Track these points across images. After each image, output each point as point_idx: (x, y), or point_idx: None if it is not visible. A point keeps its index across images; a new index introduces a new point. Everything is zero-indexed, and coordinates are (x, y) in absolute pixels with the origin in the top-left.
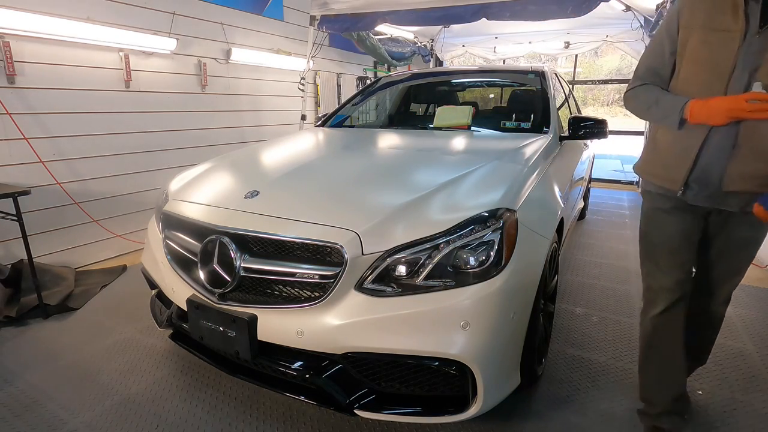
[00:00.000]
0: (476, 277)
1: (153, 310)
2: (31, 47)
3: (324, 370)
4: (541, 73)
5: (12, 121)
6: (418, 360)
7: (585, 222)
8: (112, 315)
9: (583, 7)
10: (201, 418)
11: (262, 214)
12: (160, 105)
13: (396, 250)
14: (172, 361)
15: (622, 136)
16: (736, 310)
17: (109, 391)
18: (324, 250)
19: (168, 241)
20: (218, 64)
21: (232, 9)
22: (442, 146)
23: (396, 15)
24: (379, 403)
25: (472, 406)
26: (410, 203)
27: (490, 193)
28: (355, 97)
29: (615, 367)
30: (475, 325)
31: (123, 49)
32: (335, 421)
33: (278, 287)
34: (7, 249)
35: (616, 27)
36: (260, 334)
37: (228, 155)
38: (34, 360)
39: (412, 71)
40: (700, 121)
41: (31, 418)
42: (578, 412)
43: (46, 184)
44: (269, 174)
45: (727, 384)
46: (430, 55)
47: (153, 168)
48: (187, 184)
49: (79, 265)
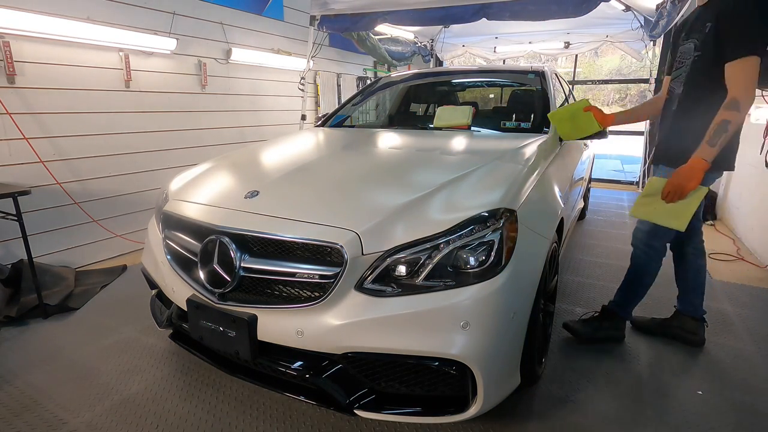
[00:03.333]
0: (476, 277)
1: (153, 310)
2: (31, 47)
3: (324, 370)
4: (541, 73)
5: (12, 121)
6: (418, 360)
7: (585, 222)
8: (112, 315)
9: (583, 7)
10: (201, 418)
11: (262, 214)
12: (160, 105)
13: (396, 250)
14: (172, 361)
15: (622, 136)
16: (736, 310)
17: (109, 391)
18: (324, 250)
19: (168, 241)
20: (218, 64)
21: (232, 9)
22: (442, 146)
23: (396, 15)
24: (379, 403)
25: (472, 406)
26: (410, 203)
27: (490, 193)
28: (355, 97)
29: (615, 367)
30: (475, 325)
31: (123, 49)
32: (335, 421)
33: (278, 287)
34: (7, 249)
35: (616, 27)
36: (260, 334)
37: (228, 155)
38: (34, 360)
39: (412, 71)
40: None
41: (30, 418)
42: (578, 412)
43: (46, 184)
44: (269, 174)
45: (727, 384)
46: (430, 55)
47: (153, 168)
48: (187, 184)
49: (79, 265)
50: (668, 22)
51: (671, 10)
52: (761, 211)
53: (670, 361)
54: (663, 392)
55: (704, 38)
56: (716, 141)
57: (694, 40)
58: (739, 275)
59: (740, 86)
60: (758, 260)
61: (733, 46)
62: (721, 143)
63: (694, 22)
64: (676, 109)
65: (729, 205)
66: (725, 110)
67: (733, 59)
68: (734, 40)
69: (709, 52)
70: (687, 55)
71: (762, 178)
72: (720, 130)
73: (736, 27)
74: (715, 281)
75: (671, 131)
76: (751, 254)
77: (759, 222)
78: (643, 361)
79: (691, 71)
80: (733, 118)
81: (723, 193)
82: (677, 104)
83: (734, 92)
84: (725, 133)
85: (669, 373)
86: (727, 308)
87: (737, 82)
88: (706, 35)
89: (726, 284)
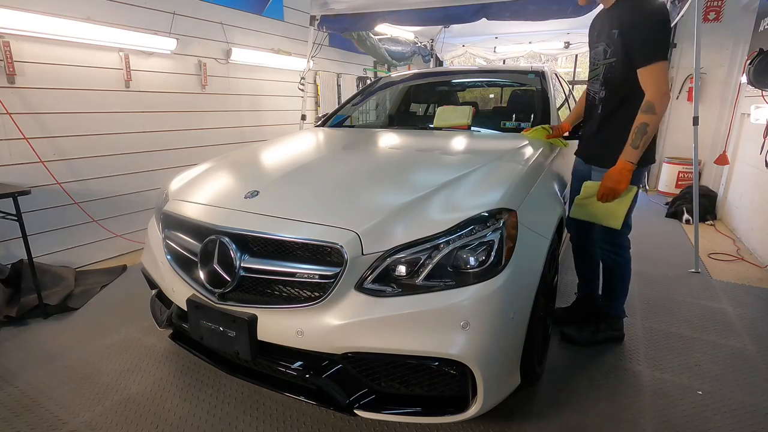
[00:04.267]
0: (476, 277)
1: (153, 310)
2: (31, 47)
3: (324, 370)
4: (541, 73)
5: (12, 121)
6: (418, 360)
7: None
8: (112, 315)
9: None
10: (201, 418)
11: (262, 214)
12: (160, 105)
13: (396, 250)
14: (172, 361)
15: None
16: (736, 310)
17: (109, 391)
18: (324, 250)
19: (168, 241)
20: (218, 64)
21: (232, 9)
22: (442, 146)
23: (396, 15)
24: (379, 403)
25: (472, 406)
26: (410, 203)
27: (490, 193)
28: (355, 97)
29: (615, 367)
30: (475, 325)
31: (123, 49)
32: (335, 421)
33: (278, 287)
34: (7, 249)
35: None
36: (260, 334)
37: (228, 155)
38: (34, 360)
39: (412, 71)
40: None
41: (30, 418)
42: (578, 412)
43: (46, 184)
44: (269, 174)
45: (727, 384)
46: (430, 55)
47: (153, 168)
48: (187, 184)
49: (79, 265)
50: None
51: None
52: (761, 211)
53: (670, 361)
54: (663, 392)
55: (613, 43)
56: (638, 143)
57: (603, 44)
58: (739, 275)
59: (654, 90)
60: (758, 260)
61: (644, 54)
62: (642, 144)
63: (602, 25)
64: (601, 113)
65: (729, 205)
66: (642, 114)
67: (644, 65)
68: (643, 48)
69: (621, 58)
70: (600, 58)
71: (762, 178)
72: (640, 132)
73: (642, 35)
74: (715, 281)
75: (598, 133)
76: (751, 254)
77: (759, 222)
78: (643, 361)
79: (609, 75)
80: (650, 121)
81: (723, 193)
82: (601, 108)
83: (649, 96)
84: (645, 135)
85: (669, 372)
86: (727, 308)
87: (650, 86)
88: (615, 41)
89: (726, 284)
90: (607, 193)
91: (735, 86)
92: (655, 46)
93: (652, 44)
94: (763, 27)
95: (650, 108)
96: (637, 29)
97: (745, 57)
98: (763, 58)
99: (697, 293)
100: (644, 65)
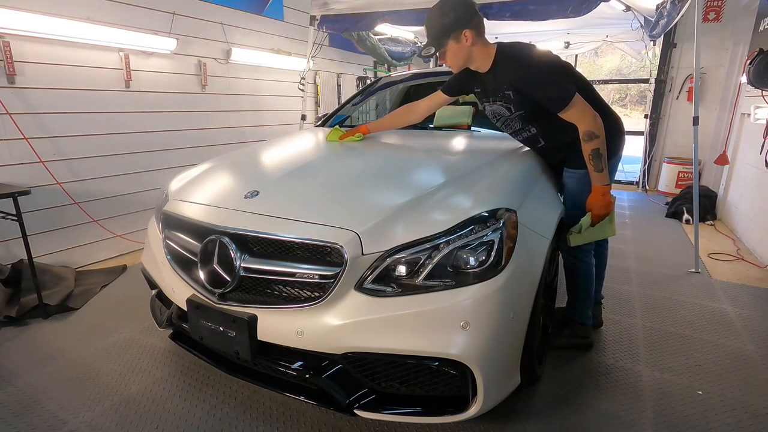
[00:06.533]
0: (476, 277)
1: (153, 310)
2: (31, 47)
3: (324, 370)
4: None
5: (12, 121)
6: (418, 360)
7: None
8: (112, 315)
9: (583, 7)
10: (201, 418)
11: (262, 214)
12: (160, 105)
13: (396, 250)
14: (172, 361)
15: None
16: (736, 310)
17: (109, 391)
18: (324, 250)
19: (168, 241)
20: (218, 64)
21: (232, 9)
22: (442, 146)
23: (396, 15)
24: (379, 403)
25: (472, 406)
26: (410, 203)
27: (490, 193)
28: (355, 97)
29: (615, 367)
30: (475, 325)
31: (123, 49)
32: (335, 421)
33: (278, 287)
34: (7, 249)
35: (616, 27)
36: (260, 334)
37: (228, 155)
38: (34, 360)
39: (412, 71)
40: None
41: (30, 418)
42: (578, 412)
43: (46, 184)
44: (269, 174)
45: (727, 384)
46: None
47: (153, 168)
48: (187, 184)
49: (79, 265)
50: (668, 22)
51: (671, 10)
52: (761, 211)
53: (671, 361)
54: (663, 392)
55: (512, 101)
56: (600, 166)
57: (500, 104)
58: (739, 275)
59: (584, 121)
60: (758, 260)
61: (555, 103)
62: (604, 164)
63: (485, 86)
64: (545, 143)
65: (729, 205)
66: (587, 143)
67: (561, 111)
68: (550, 99)
69: (528, 104)
70: (505, 114)
71: (762, 178)
72: (595, 157)
73: (542, 91)
74: (715, 281)
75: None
76: (751, 254)
77: (759, 222)
78: (643, 361)
79: (527, 118)
80: (598, 144)
81: (723, 193)
82: (542, 140)
83: (583, 127)
84: (602, 156)
85: (669, 372)
86: (727, 308)
87: (579, 120)
88: (513, 98)
89: (726, 284)
90: (599, 217)
91: (735, 86)
92: (559, 90)
93: (556, 91)
94: (763, 27)
95: (590, 135)
96: (533, 87)
97: (745, 57)
98: (763, 58)
99: (697, 293)
100: (561, 111)
